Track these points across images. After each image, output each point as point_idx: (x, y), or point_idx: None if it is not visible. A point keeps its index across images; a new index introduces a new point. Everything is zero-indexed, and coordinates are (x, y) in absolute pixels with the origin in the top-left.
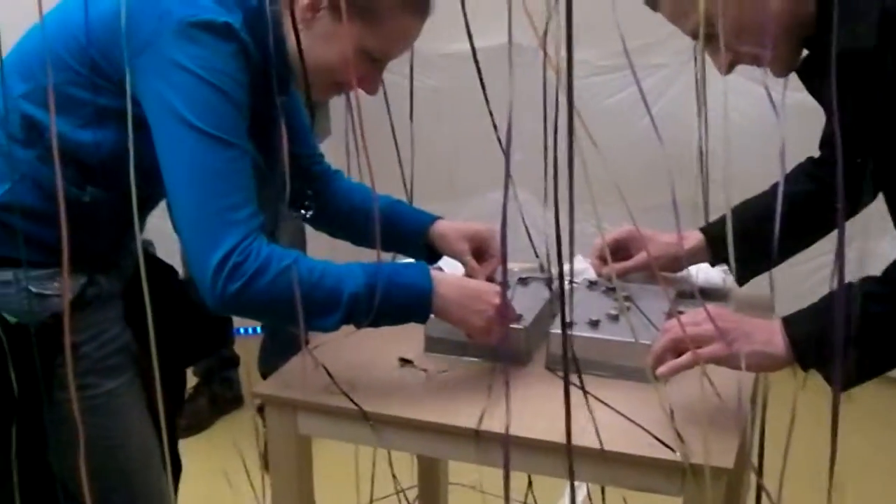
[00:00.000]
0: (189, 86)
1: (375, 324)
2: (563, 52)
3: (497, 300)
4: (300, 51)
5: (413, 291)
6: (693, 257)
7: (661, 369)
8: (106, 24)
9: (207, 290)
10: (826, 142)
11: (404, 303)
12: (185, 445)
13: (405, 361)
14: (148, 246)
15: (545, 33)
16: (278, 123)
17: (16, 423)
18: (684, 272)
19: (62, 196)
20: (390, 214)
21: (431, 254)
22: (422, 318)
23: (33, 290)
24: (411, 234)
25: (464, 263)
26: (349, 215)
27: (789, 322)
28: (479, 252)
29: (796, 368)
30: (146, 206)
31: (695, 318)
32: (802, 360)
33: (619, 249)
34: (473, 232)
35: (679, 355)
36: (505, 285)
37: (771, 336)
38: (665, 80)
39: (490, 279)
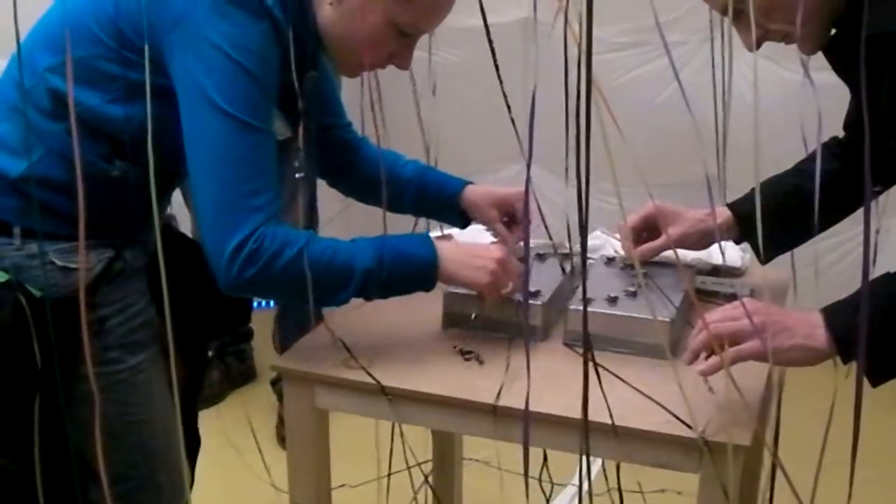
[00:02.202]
0: (219, 66)
1: (385, 295)
2: (582, 28)
3: (498, 255)
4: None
5: (419, 261)
6: (722, 234)
7: (702, 367)
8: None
9: (222, 274)
10: (850, 122)
11: (412, 272)
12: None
13: (462, 351)
14: (170, 220)
15: (566, 7)
16: (305, 98)
17: (39, 397)
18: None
19: (80, 167)
20: (420, 181)
21: (465, 218)
22: (429, 286)
23: (59, 263)
24: (443, 201)
25: (494, 230)
26: (377, 182)
27: (830, 314)
28: (509, 216)
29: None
30: (174, 182)
31: (732, 313)
32: (845, 353)
33: (648, 227)
34: (502, 197)
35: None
36: (528, 256)
37: (812, 329)
38: (682, 57)
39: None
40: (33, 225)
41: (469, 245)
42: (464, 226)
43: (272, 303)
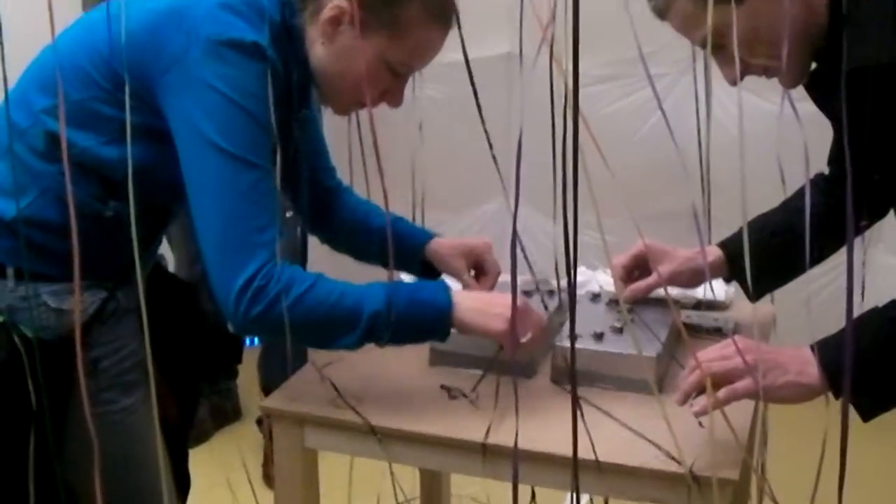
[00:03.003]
0: (217, 106)
1: (396, 342)
2: (567, 62)
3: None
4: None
5: (433, 308)
6: (712, 273)
7: (696, 409)
8: (132, 40)
9: (230, 312)
10: (835, 158)
11: (425, 320)
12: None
13: (448, 389)
14: (160, 260)
15: (551, 41)
16: (293, 138)
17: (33, 438)
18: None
19: (73, 207)
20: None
21: (429, 271)
22: (442, 335)
23: (52, 304)
24: (408, 251)
25: (462, 281)
26: (351, 230)
27: (821, 350)
28: (476, 267)
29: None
30: (167, 221)
31: (723, 352)
32: (837, 389)
33: (638, 265)
34: (469, 248)
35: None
36: (515, 290)
37: (803, 366)
38: (662, 90)
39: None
40: (28, 266)
41: (484, 293)
42: (429, 278)
43: (256, 341)
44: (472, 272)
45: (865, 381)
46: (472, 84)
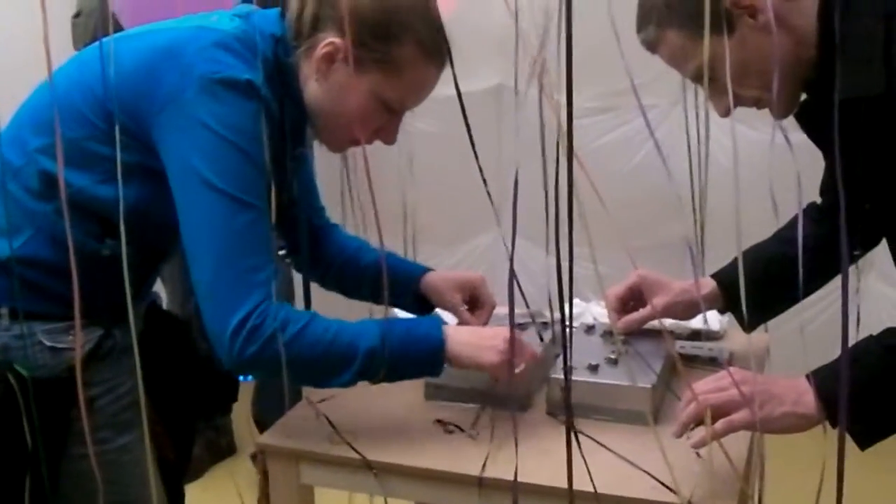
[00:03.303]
0: (211, 145)
1: (390, 379)
2: (558, 95)
3: (507, 335)
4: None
5: (427, 344)
6: (707, 305)
7: (694, 441)
8: (126, 79)
9: (225, 352)
10: (827, 188)
11: (418, 356)
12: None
13: (444, 424)
14: (155, 298)
15: (541, 72)
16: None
17: (29, 477)
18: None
19: (72, 247)
20: (379, 268)
21: (423, 305)
22: (436, 371)
23: (47, 343)
24: (402, 286)
25: (457, 315)
26: (342, 268)
27: (817, 379)
28: (472, 301)
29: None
30: (161, 259)
31: (719, 384)
32: (834, 418)
33: (633, 297)
34: (464, 281)
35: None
36: (513, 323)
37: (799, 396)
38: (652, 121)
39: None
40: (23, 305)
41: (476, 327)
42: (422, 312)
43: (250, 376)
44: (467, 305)
45: (862, 410)
46: (465, 119)
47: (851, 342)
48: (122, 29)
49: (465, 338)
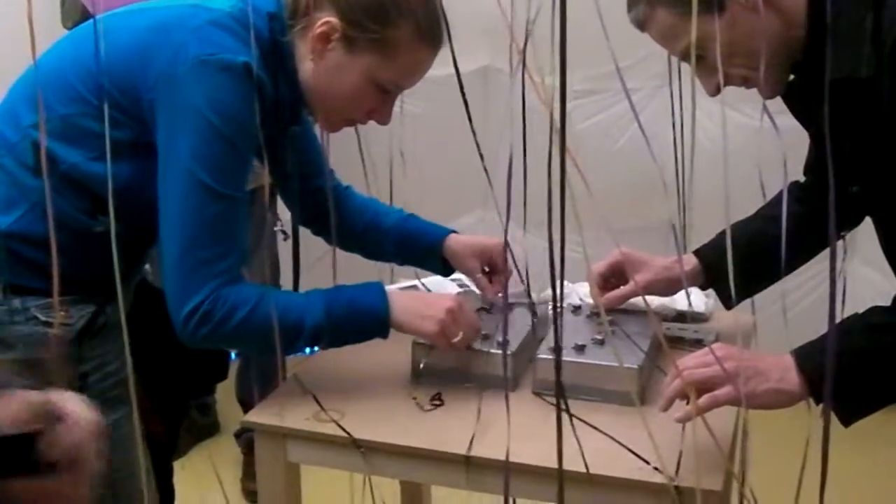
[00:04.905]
0: (198, 131)
1: (337, 345)
2: (542, 77)
3: (448, 304)
4: None
5: (369, 313)
6: (688, 281)
7: (678, 415)
8: (121, 57)
9: (179, 330)
10: (811, 167)
11: (362, 324)
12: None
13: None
14: (146, 276)
15: (523, 53)
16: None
17: None
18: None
19: (52, 222)
20: (404, 230)
21: (446, 266)
22: (382, 336)
23: (41, 318)
24: (426, 249)
25: (475, 281)
26: (362, 232)
27: (800, 357)
28: (490, 267)
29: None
30: (154, 237)
31: (705, 360)
32: (817, 395)
33: (615, 274)
34: (482, 247)
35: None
36: (506, 308)
37: (784, 373)
38: (637, 104)
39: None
40: (17, 280)
41: (422, 294)
42: (446, 274)
43: (233, 355)
44: (487, 269)
45: (845, 387)
46: (464, 98)
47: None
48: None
49: (407, 305)
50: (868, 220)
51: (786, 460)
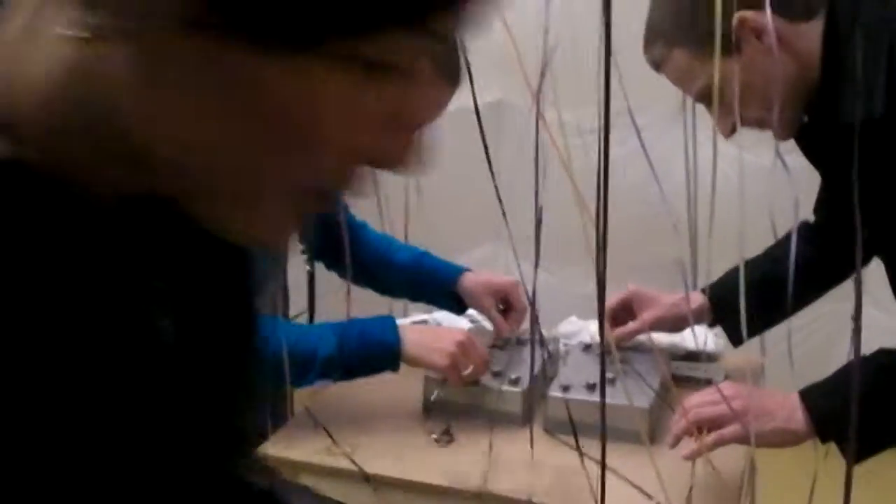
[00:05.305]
0: None
1: (348, 378)
2: (554, 113)
3: (459, 338)
4: None
5: (381, 346)
6: (696, 318)
7: (685, 453)
8: None
9: None
10: (821, 206)
11: (374, 357)
12: None
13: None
14: None
15: (537, 94)
16: None
17: None
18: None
19: None
20: (418, 266)
21: (460, 304)
22: (392, 369)
23: None
24: (440, 287)
25: (490, 318)
26: (373, 267)
27: (807, 397)
28: (505, 304)
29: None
30: None
31: (713, 398)
32: (823, 435)
33: (624, 310)
34: (498, 286)
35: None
36: (534, 336)
37: (791, 412)
38: (648, 142)
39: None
40: None
41: (433, 328)
42: (459, 312)
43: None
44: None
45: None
46: (482, 133)
47: (844, 363)
48: None
49: (418, 339)
50: (876, 262)
51: (794, 499)
